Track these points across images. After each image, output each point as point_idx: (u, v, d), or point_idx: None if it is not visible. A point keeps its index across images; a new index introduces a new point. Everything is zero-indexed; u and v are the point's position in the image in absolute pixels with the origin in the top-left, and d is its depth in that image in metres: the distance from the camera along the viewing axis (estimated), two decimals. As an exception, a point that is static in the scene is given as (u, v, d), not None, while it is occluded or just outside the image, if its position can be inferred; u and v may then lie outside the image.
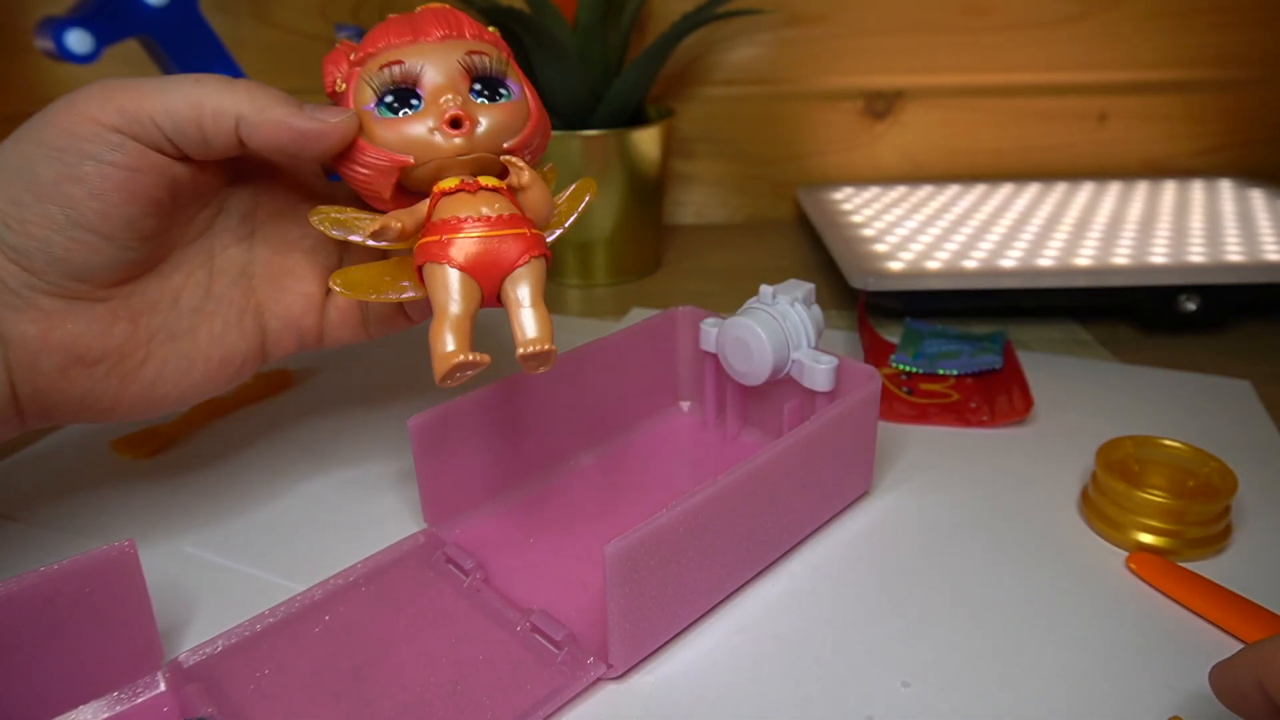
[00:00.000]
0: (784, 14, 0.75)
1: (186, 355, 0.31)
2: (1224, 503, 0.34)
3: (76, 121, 0.26)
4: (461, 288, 0.28)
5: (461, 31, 0.30)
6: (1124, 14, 0.75)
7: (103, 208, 0.27)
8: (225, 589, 0.34)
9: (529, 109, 0.31)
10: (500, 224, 0.29)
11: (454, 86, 0.29)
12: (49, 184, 0.26)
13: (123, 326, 0.30)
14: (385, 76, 0.29)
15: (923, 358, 0.48)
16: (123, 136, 0.27)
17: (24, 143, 0.27)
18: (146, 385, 0.31)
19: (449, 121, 0.29)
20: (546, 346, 0.28)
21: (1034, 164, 0.81)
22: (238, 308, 0.33)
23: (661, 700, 0.28)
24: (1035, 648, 0.30)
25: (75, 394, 0.29)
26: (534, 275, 0.29)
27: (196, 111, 0.27)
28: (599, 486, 0.39)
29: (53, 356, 0.28)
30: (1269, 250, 0.57)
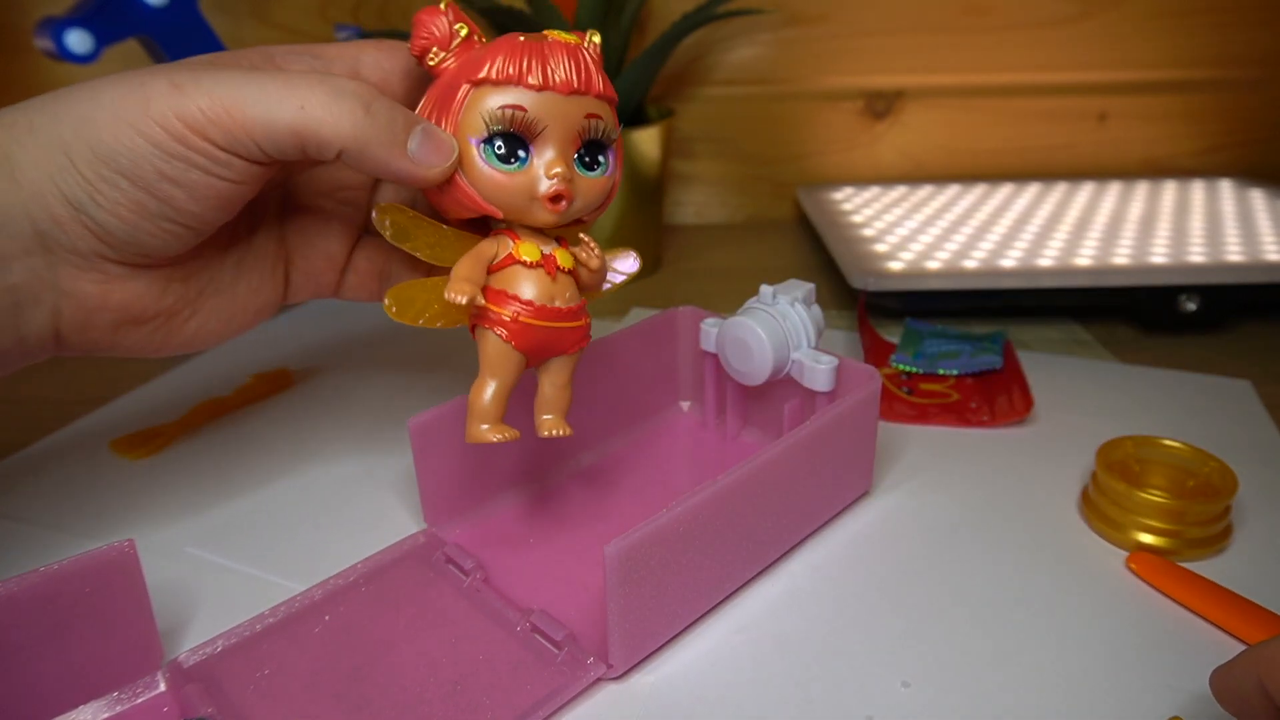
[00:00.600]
0: (784, 14, 0.75)
1: (227, 308, 0.32)
2: (1224, 503, 0.34)
3: (185, 133, 0.26)
4: (511, 363, 0.29)
5: (589, 85, 0.29)
6: (1124, 14, 0.75)
7: (198, 209, 0.27)
8: (225, 589, 0.34)
9: (615, 181, 0.31)
10: (566, 315, 0.30)
11: (565, 157, 0.29)
12: (150, 179, 0.26)
13: (176, 288, 0.30)
14: (501, 117, 0.28)
15: (923, 358, 0.48)
16: (231, 156, 0.26)
17: (123, 128, 0.26)
18: (188, 337, 0.32)
19: (552, 197, 0.28)
20: (564, 431, 0.31)
21: (1034, 164, 0.81)
22: (271, 258, 0.33)
23: (661, 700, 0.28)
24: (1035, 648, 0.30)
25: (124, 345, 0.30)
26: (575, 363, 0.31)
27: (298, 140, 0.27)
28: (599, 486, 0.39)
29: (108, 315, 0.29)
30: (1269, 250, 0.57)
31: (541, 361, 0.31)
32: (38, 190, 0.26)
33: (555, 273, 0.30)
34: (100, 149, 0.26)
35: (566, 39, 0.29)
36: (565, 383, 0.31)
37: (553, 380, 0.31)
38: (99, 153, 0.26)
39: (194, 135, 0.26)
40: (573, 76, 0.28)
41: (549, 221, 0.29)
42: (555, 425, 0.31)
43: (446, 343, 0.53)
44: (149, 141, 0.26)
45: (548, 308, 0.29)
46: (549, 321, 0.29)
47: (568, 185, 0.29)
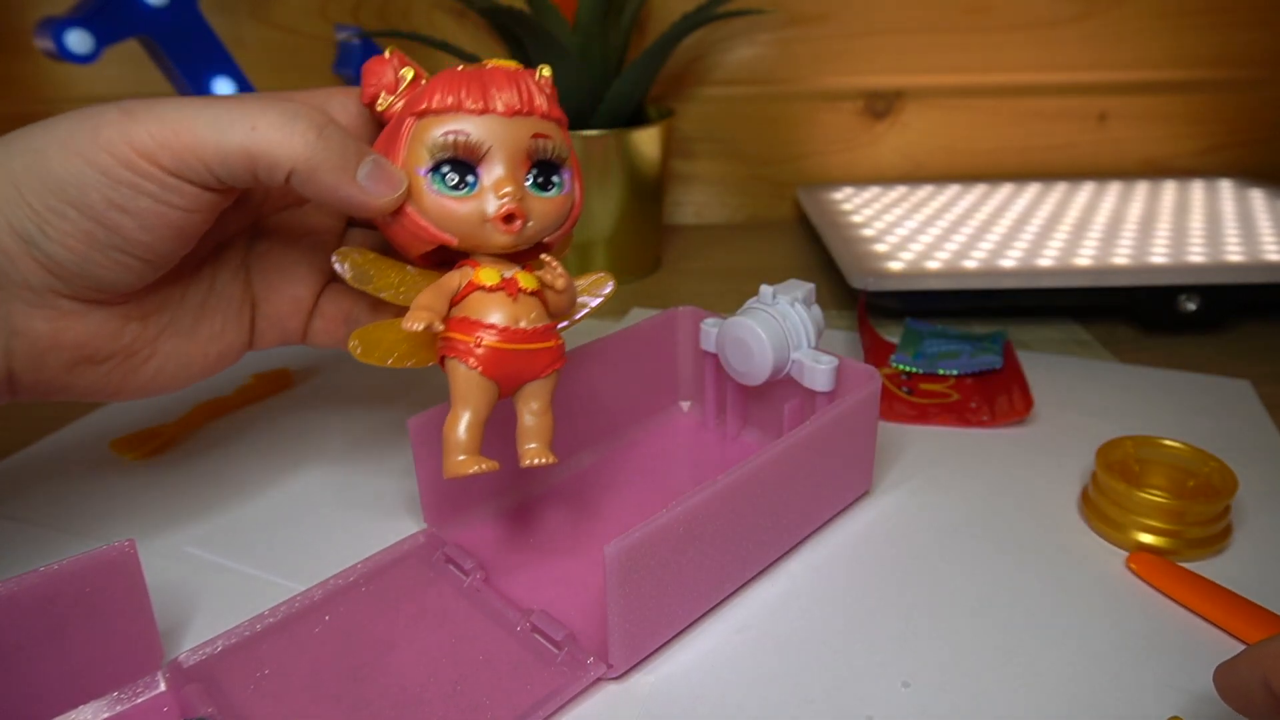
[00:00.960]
0: (784, 14, 0.75)
1: (186, 351, 0.32)
2: (1224, 503, 0.34)
3: (133, 157, 0.25)
4: (483, 392, 0.29)
5: (531, 106, 0.29)
6: (1124, 14, 0.75)
7: (149, 239, 0.27)
8: (225, 589, 0.34)
9: (574, 200, 0.31)
10: (534, 337, 0.29)
11: (513, 176, 0.28)
12: (99, 208, 0.26)
13: (133, 326, 0.30)
14: (445, 144, 0.28)
15: (923, 358, 0.48)
16: (180, 181, 0.26)
17: (71, 156, 0.25)
18: (147, 379, 0.31)
19: (504, 217, 0.28)
20: (550, 459, 0.30)
21: (1034, 164, 0.81)
22: (236, 302, 0.33)
23: (661, 700, 0.28)
24: (1035, 648, 0.30)
25: (78, 387, 0.30)
26: (551, 386, 0.30)
27: (249, 161, 0.26)
28: (599, 486, 0.39)
29: (62, 354, 0.28)
30: (1269, 250, 0.57)
31: (515, 389, 0.30)
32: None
33: (517, 294, 0.29)
34: (48, 179, 0.25)
35: (506, 65, 0.29)
36: (543, 409, 0.30)
37: (529, 407, 0.30)
38: (47, 183, 0.25)
39: (142, 160, 0.25)
40: (514, 98, 0.28)
41: (505, 243, 0.29)
42: (538, 454, 0.30)
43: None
44: (96, 169, 0.25)
45: (512, 329, 0.29)
46: (516, 344, 0.29)
47: (518, 204, 0.28)
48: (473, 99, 0.28)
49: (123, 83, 0.74)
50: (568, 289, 0.30)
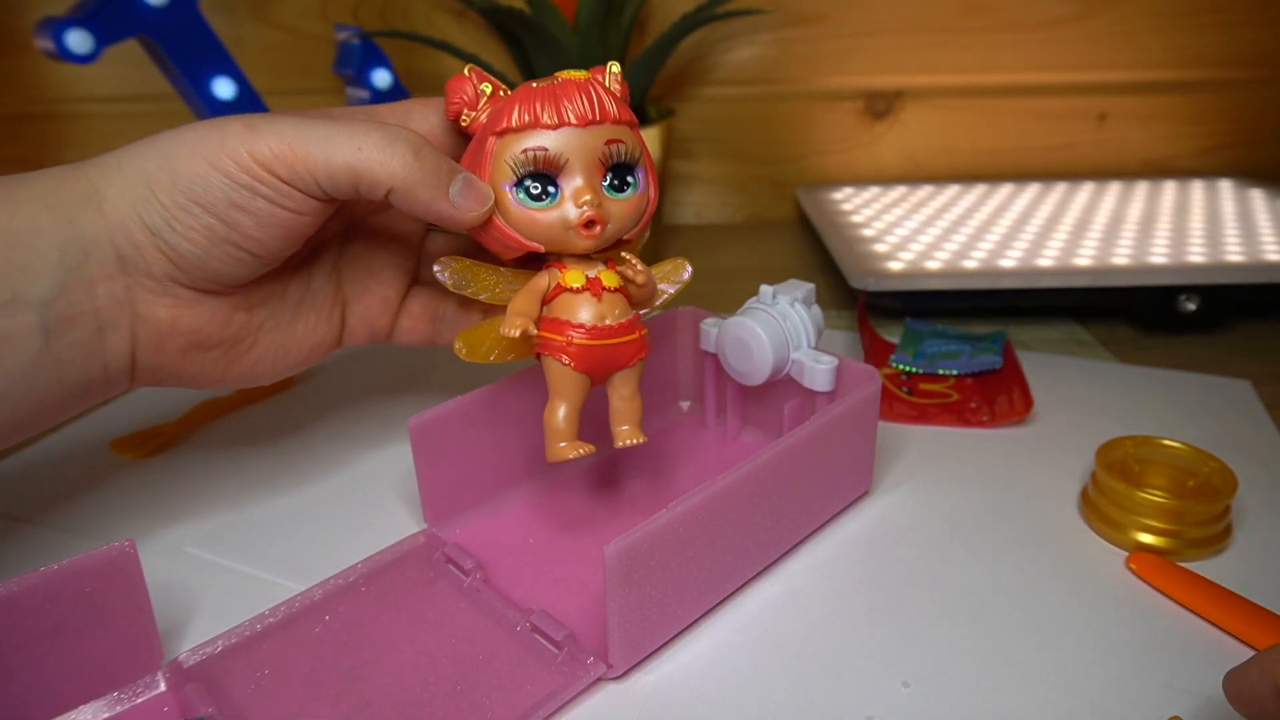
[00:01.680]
0: (784, 14, 0.75)
1: (284, 343, 0.35)
2: (1224, 503, 0.34)
3: (253, 165, 0.29)
4: (576, 384, 0.31)
5: (603, 113, 0.30)
6: (1124, 14, 0.75)
7: (263, 237, 0.30)
8: (225, 589, 0.34)
9: (649, 196, 0.32)
10: (619, 331, 0.32)
11: (591, 184, 0.30)
12: (221, 207, 0.29)
13: (240, 317, 0.33)
14: (526, 160, 0.30)
15: (923, 358, 0.48)
16: (292, 189, 0.29)
17: (199, 161, 0.29)
18: (247, 367, 0.34)
19: (585, 223, 0.30)
20: (639, 439, 0.32)
21: (1034, 164, 0.81)
22: (329, 300, 0.36)
23: (661, 700, 0.28)
24: (1035, 648, 0.30)
25: (189, 372, 0.33)
26: (638, 373, 0.33)
27: (353, 178, 0.29)
28: (599, 486, 0.39)
29: (178, 339, 0.31)
30: (1269, 250, 0.57)
31: (606, 378, 0.32)
32: (121, 219, 0.29)
33: (601, 293, 0.31)
34: (179, 179, 0.29)
35: (576, 75, 0.31)
36: (631, 394, 0.33)
37: (619, 393, 0.33)
38: (177, 183, 0.29)
39: (261, 169, 0.29)
40: (585, 109, 0.30)
41: (587, 247, 0.31)
42: (630, 435, 0.32)
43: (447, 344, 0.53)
44: (221, 173, 0.29)
45: (599, 327, 0.31)
46: (602, 340, 0.31)
47: (598, 210, 0.30)
48: (548, 114, 0.30)
49: (123, 83, 0.74)
50: (648, 282, 0.32)
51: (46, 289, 0.28)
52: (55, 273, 0.28)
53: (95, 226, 0.29)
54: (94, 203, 0.29)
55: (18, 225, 0.27)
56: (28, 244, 0.27)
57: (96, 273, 0.29)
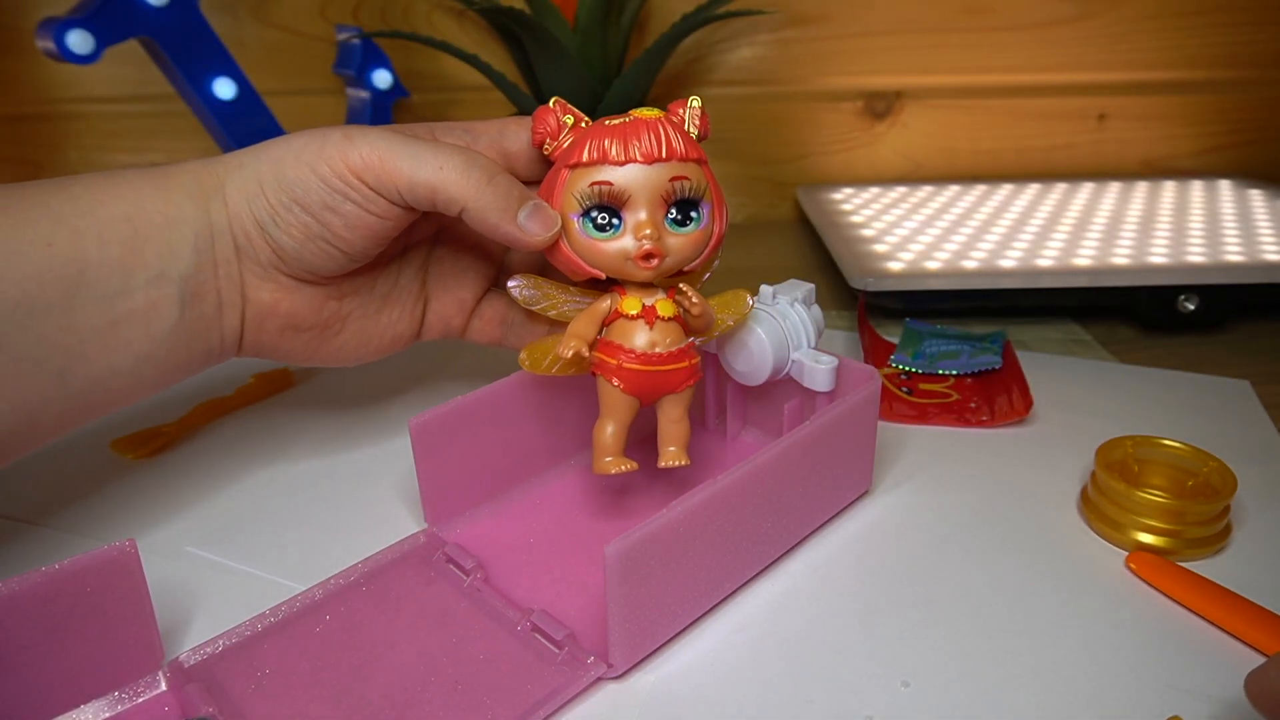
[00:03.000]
0: (784, 14, 0.75)
1: (368, 331, 0.38)
2: (1223, 503, 0.34)
3: (346, 172, 0.32)
4: (625, 405, 0.33)
5: (670, 152, 0.31)
6: (1124, 14, 0.75)
7: (350, 236, 0.33)
8: (225, 589, 0.34)
9: (713, 231, 0.33)
10: (669, 359, 0.33)
11: (653, 220, 0.32)
12: (316, 207, 0.32)
13: (331, 305, 0.36)
14: (593, 193, 0.31)
15: (923, 358, 0.48)
16: (377, 195, 0.32)
17: (302, 165, 0.32)
18: (335, 349, 0.37)
19: (644, 256, 0.32)
20: (684, 462, 0.34)
21: (1034, 164, 0.81)
22: (413, 297, 0.39)
23: (661, 700, 0.28)
24: (1035, 647, 0.30)
25: (283, 349, 0.36)
26: (687, 399, 0.34)
27: (432, 194, 0.32)
28: (599, 486, 0.39)
29: (277, 320, 0.35)
30: (1268, 250, 0.57)
31: (655, 400, 0.34)
32: (238, 212, 0.33)
33: (655, 321, 0.33)
34: (284, 181, 0.32)
35: (648, 114, 0.32)
36: (679, 417, 0.34)
37: (667, 416, 0.34)
38: (282, 184, 0.32)
39: (352, 175, 0.32)
40: (653, 148, 0.31)
41: (645, 278, 0.32)
42: (675, 457, 0.34)
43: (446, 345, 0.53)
44: (318, 177, 0.32)
45: (650, 354, 0.33)
46: (653, 366, 0.33)
47: (657, 244, 0.31)
48: (616, 150, 0.31)
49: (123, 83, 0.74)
50: (704, 313, 0.33)
51: (185, 267, 0.32)
52: (191, 254, 0.32)
53: (220, 217, 0.33)
54: (221, 196, 0.33)
55: (170, 212, 0.32)
56: (176, 228, 0.32)
57: (219, 256, 0.33)
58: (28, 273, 0.29)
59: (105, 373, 0.31)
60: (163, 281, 0.31)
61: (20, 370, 0.29)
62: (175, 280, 0.32)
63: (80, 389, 0.31)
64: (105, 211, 0.31)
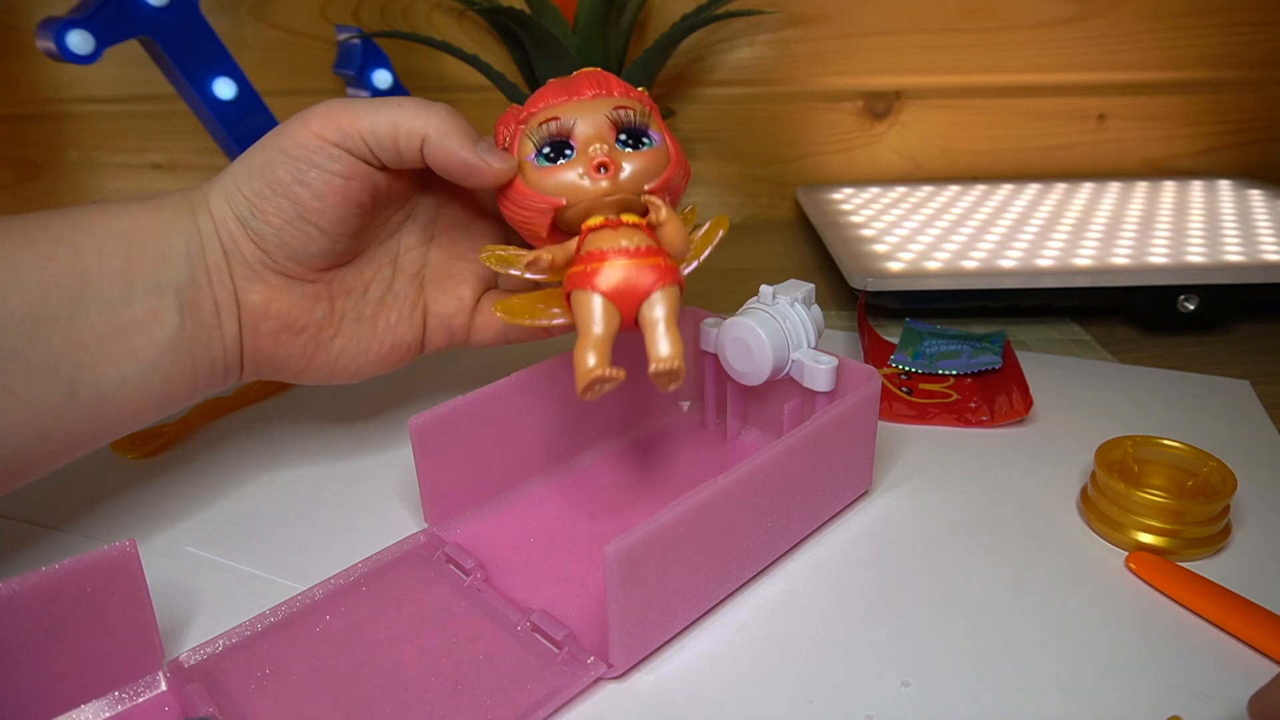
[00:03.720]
0: (784, 14, 0.75)
1: (366, 337, 0.38)
2: (1223, 503, 0.34)
3: (307, 136, 0.33)
4: (603, 311, 0.31)
5: (610, 90, 0.34)
6: (1124, 14, 0.76)
7: (322, 206, 0.33)
8: (225, 589, 0.34)
9: (669, 155, 0.34)
10: (639, 255, 0.32)
11: (601, 137, 0.33)
12: (286, 184, 0.33)
13: (323, 305, 0.36)
14: (543, 131, 0.33)
15: (922, 358, 0.48)
16: (340, 150, 0.33)
17: (268, 149, 0.33)
18: (332, 357, 0.37)
19: (596, 167, 0.32)
20: (676, 364, 0.30)
21: (1034, 164, 0.81)
22: (410, 303, 0.39)
23: (661, 700, 0.28)
24: (1035, 647, 0.30)
25: (280, 355, 0.36)
26: (668, 300, 0.31)
27: (394, 130, 0.33)
28: (599, 486, 0.39)
29: (270, 322, 0.35)
30: (1268, 250, 0.57)
31: (634, 310, 0.31)
32: (221, 215, 0.34)
33: (619, 225, 0.32)
34: (254, 169, 0.33)
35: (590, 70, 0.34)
36: (665, 323, 0.31)
37: (652, 321, 0.31)
38: (252, 173, 0.33)
39: (313, 138, 0.33)
40: (592, 84, 0.34)
41: (604, 189, 0.32)
42: (665, 361, 0.30)
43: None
44: (282, 151, 0.33)
45: (615, 250, 0.32)
46: (622, 261, 0.31)
47: (607, 156, 0.32)
48: (557, 94, 0.33)
49: (123, 83, 0.74)
50: (669, 221, 0.33)
51: (180, 276, 0.33)
52: (185, 263, 0.33)
53: (207, 224, 0.34)
54: (205, 206, 0.34)
55: (161, 227, 0.33)
56: (167, 240, 0.33)
57: (211, 263, 0.34)
58: (32, 285, 0.30)
59: (114, 384, 0.32)
60: (161, 291, 0.32)
61: (30, 382, 0.30)
62: (171, 289, 0.33)
63: (90, 400, 0.31)
64: (102, 228, 0.32)
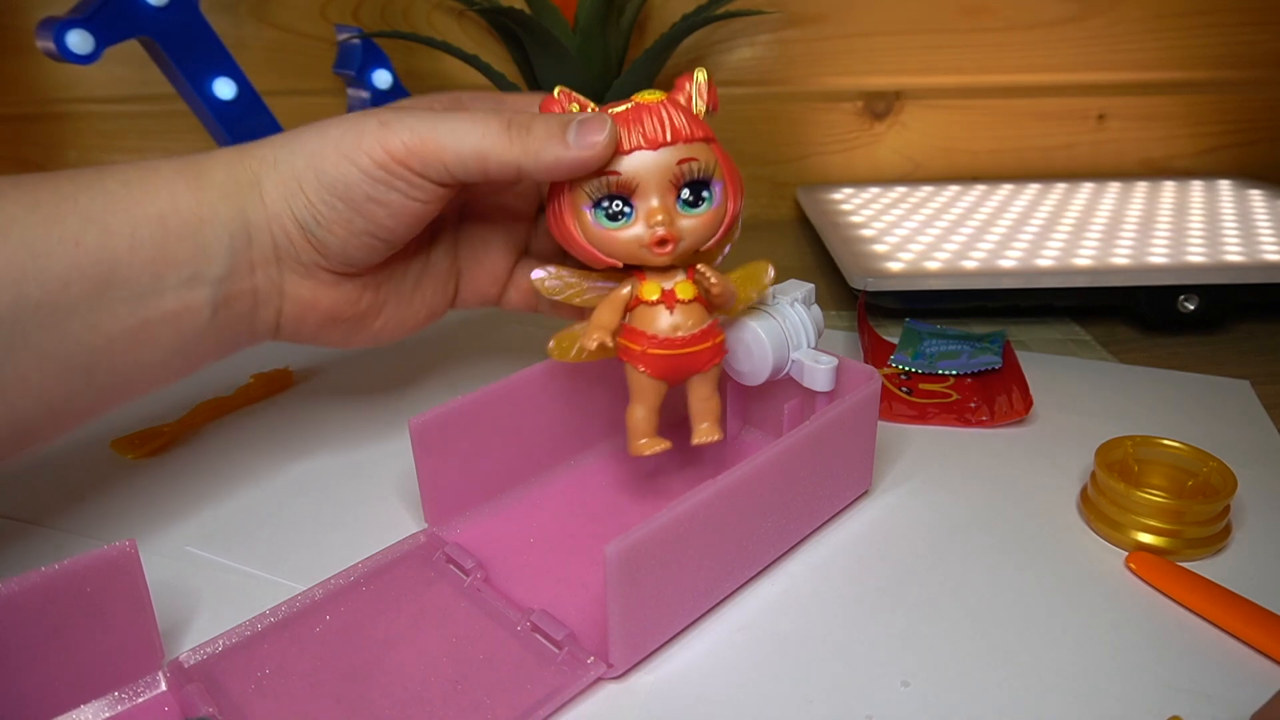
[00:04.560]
0: (784, 14, 0.75)
1: (404, 314, 0.38)
2: (1223, 503, 0.34)
3: (388, 161, 0.31)
4: (653, 388, 0.34)
5: (675, 136, 0.31)
6: (1124, 14, 0.76)
7: (395, 225, 0.33)
8: (225, 589, 0.34)
9: (725, 210, 0.33)
10: (693, 341, 0.33)
11: (664, 204, 0.32)
12: (359, 201, 0.32)
13: (369, 295, 0.36)
14: (603, 185, 0.31)
15: (922, 358, 0.48)
16: (424, 180, 0.32)
17: (341, 160, 0.31)
18: (373, 334, 0.38)
19: (658, 241, 0.32)
20: (717, 437, 0.34)
21: (1034, 164, 0.81)
22: (445, 273, 0.39)
23: (661, 700, 0.28)
24: (1035, 647, 0.30)
25: (321, 338, 0.37)
26: (714, 376, 0.34)
27: (483, 163, 0.31)
28: (599, 486, 0.39)
29: (317, 314, 0.35)
30: (1268, 250, 0.57)
31: (682, 381, 0.34)
32: (276, 211, 0.32)
33: (675, 306, 0.33)
34: (324, 178, 0.31)
35: (650, 99, 0.32)
36: (708, 395, 0.34)
37: (696, 395, 0.34)
38: (322, 180, 0.31)
39: (395, 163, 0.31)
40: (657, 132, 0.31)
41: (662, 263, 0.32)
42: (707, 434, 0.34)
43: (447, 345, 0.53)
44: (359, 169, 0.31)
45: (673, 339, 0.33)
46: (676, 350, 0.33)
47: (670, 229, 0.31)
48: (621, 139, 0.31)
49: (123, 83, 0.74)
50: (723, 291, 0.34)
51: (220, 269, 0.31)
52: (226, 256, 0.31)
53: (258, 216, 0.32)
54: (257, 193, 0.32)
55: (203, 213, 0.31)
56: (209, 229, 0.31)
57: (257, 257, 0.32)
58: (56, 272, 0.28)
59: (133, 368, 0.31)
60: (196, 284, 0.31)
61: (45, 369, 0.29)
62: (209, 283, 0.31)
63: (106, 384, 0.30)
64: (139, 210, 0.30)
